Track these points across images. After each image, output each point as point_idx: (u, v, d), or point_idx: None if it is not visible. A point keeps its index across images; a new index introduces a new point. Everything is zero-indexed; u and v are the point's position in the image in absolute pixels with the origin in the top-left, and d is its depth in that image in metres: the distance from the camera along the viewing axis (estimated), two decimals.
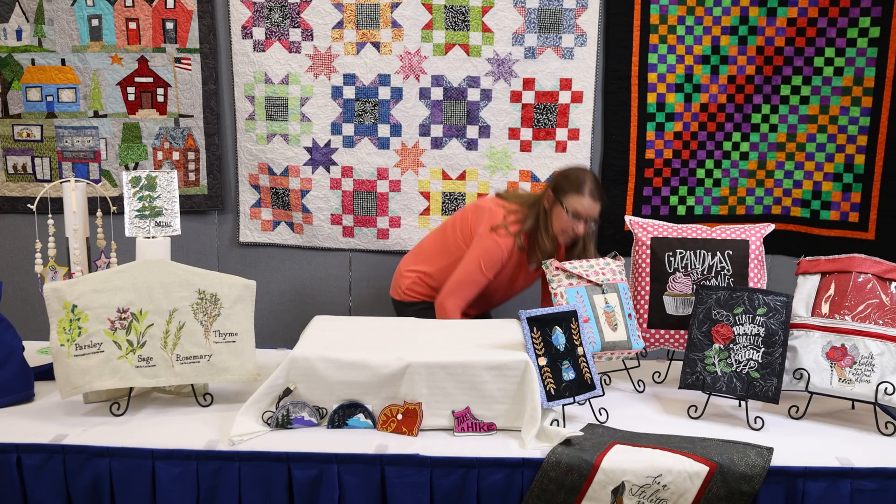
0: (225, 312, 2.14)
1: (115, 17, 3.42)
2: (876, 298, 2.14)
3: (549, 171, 3.55)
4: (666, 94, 3.50)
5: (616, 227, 3.59)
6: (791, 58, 3.45)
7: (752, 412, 2.09)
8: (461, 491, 1.83)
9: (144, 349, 2.05)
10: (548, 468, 1.81)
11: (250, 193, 3.61)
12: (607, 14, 3.45)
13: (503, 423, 1.99)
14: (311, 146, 3.51)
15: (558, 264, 2.35)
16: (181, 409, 2.12)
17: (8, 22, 3.43)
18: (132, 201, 2.50)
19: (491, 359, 1.99)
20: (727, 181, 3.60)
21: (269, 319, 3.60)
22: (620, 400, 2.25)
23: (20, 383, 2.15)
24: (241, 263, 3.66)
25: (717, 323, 2.16)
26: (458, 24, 3.42)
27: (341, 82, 3.47)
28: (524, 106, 3.50)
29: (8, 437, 1.90)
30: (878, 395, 2.02)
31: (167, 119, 3.53)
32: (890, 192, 3.38)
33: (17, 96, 3.49)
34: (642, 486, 1.78)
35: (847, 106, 3.41)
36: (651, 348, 2.44)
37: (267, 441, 1.90)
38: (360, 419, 1.98)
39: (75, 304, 2.01)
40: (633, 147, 3.54)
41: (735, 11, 3.43)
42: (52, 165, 3.56)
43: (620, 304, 2.32)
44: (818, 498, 1.81)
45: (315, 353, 2.00)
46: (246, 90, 3.50)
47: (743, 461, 1.80)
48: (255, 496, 1.85)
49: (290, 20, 3.42)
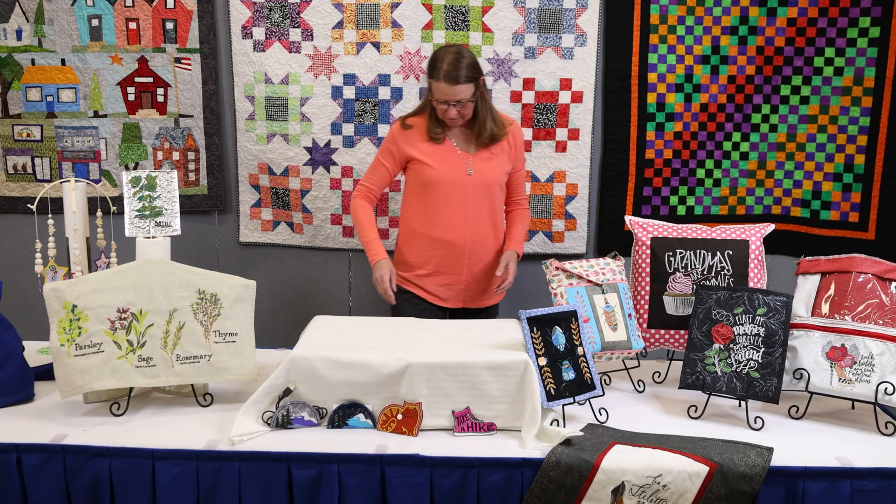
0: (225, 312, 2.14)
1: (115, 17, 3.42)
2: (876, 298, 2.14)
3: (550, 172, 3.55)
4: (666, 94, 3.50)
5: (616, 227, 3.60)
6: (791, 58, 3.45)
7: (752, 412, 2.09)
8: (461, 491, 1.84)
9: (144, 349, 2.05)
10: (548, 468, 1.81)
11: (250, 193, 3.61)
12: (607, 14, 3.45)
13: (503, 423, 1.99)
14: (311, 146, 3.51)
15: (558, 264, 2.35)
16: (181, 409, 2.12)
17: (8, 22, 3.43)
18: (132, 201, 2.50)
19: (491, 359, 1.99)
20: (727, 181, 3.60)
21: (269, 319, 3.60)
22: (620, 400, 2.25)
23: (20, 383, 2.15)
24: (241, 263, 3.66)
25: (717, 323, 2.16)
26: (458, 24, 3.42)
27: (341, 82, 3.47)
28: (524, 106, 3.50)
29: (8, 437, 1.90)
30: (878, 395, 2.02)
31: (167, 119, 3.53)
32: (890, 192, 3.38)
33: (17, 96, 3.49)
34: (642, 486, 1.78)
35: (847, 106, 3.41)
36: (651, 348, 2.44)
37: (267, 441, 1.90)
38: (360, 419, 1.98)
39: (75, 304, 2.01)
40: (633, 147, 3.54)
41: (735, 11, 3.43)
42: (52, 165, 3.56)
43: (620, 304, 2.32)
44: (818, 498, 1.81)
45: (315, 353, 2.00)
46: (246, 90, 3.50)
47: (743, 461, 1.80)
48: (255, 496, 1.85)
49: (290, 20, 3.42)
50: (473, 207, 2.78)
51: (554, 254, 3.56)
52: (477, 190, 2.77)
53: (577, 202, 3.57)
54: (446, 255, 2.81)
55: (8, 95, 3.49)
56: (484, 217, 2.81)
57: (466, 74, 2.61)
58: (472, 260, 2.82)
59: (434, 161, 2.75)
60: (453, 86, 2.59)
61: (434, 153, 2.76)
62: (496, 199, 2.84)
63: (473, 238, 2.80)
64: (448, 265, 2.82)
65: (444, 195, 2.77)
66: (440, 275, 2.83)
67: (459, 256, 2.80)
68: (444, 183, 2.75)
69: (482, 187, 2.78)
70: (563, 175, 3.55)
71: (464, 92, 2.62)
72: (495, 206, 2.85)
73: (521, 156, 2.90)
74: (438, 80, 2.60)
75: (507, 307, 3.11)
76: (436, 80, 2.62)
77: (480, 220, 2.80)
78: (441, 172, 2.75)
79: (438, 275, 2.83)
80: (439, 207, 2.78)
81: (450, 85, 2.59)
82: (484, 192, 2.78)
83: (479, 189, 2.77)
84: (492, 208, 2.83)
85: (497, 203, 2.86)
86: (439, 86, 2.61)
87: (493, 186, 2.81)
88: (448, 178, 2.75)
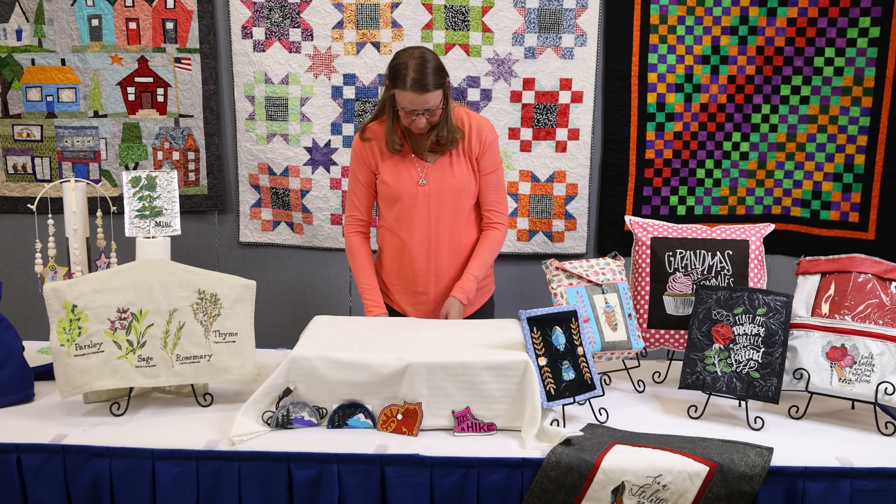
0: (225, 312, 2.14)
1: (115, 17, 3.43)
2: (876, 298, 2.14)
3: (550, 172, 3.55)
4: (666, 94, 3.50)
5: (616, 227, 3.60)
6: (791, 58, 3.45)
7: (752, 412, 2.09)
8: (461, 491, 1.83)
9: (144, 349, 2.05)
10: (548, 468, 1.81)
11: (250, 193, 3.61)
12: (607, 14, 3.45)
13: (503, 423, 1.99)
14: (311, 146, 3.51)
15: (558, 264, 2.34)
16: (181, 409, 2.12)
17: (8, 22, 3.43)
18: (132, 201, 2.51)
19: (491, 359, 1.98)
20: (727, 181, 3.60)
21: (269, 319, 3.60)
22: (620, 400, 2.25)
23: (20, 383, 2.15)
24: (241, 263, 3.66)
25: (717, 323, 2.16)
26: (458, 24, 3.42)
27: (341, 82, 3.47)
28: (524, 106, 3.50)
29: (8, 437, 1.90)
30: (878, 395, 2.02)
31: (167, 119, 3.54)
32: (890, 192, 3.38)
33: (17, 96, 3.49)
34: (642, 486, 1.78)
35: (847, 106, 3.41)
36: (651, 348, 2.44)
37: (267, 441, 1.90)
38: (360, 419, 1.98)
39: (75, 304, 2.01)
40: (633, 147, 3.54)
41: (735, 11, 3.43)
42: (52, 165, 3.56)
43: (620, 304, 2.32)
44: (818, 498, 1.81)
45: (315, 353, 2.00)
46: (246, 90, 3.50)
47: (743, 461, 1.80)
48: (255, 496, 1.85)
49: (290, 20, 3.42)
50: (435, 220, 2.59)
51: (554, 254, 3.56)
52: (430, 201, 2.57)
53: (577, 202, 3.57)
54: (411, 271, 2.64)
55: (8, 95, 3.49)
56: (444, 230, 2.60)
57: (434, 81, 2.39)
58: (437, 277, 2.64)
59: (388, 174, 2.59)
60: (422, 94, 2.37)
61: (390, 166, 2.59)
62: (460, 209, 2.61)
63: (436, 252, 2.61)
64: (416, 281, 2.65)
65: (402, 209, 2.60)
66: (409, 293, 2.68)
67: (425, 273, 2.63)
68: (400, 196, 2.58)
69: (436, 197, 2.57)
70: (563, 175, 3.55)
71: (433, 99, 2.41)
72: (459, 218, 2.61)
73: (492, 158, 2.62)
74: (405, 89, 2.37)
75: (507, 307, 3.10)
76: (402, 89, 2.38)
77: (440, 233, 2.60)
78: (394, 187, 2.58)
79: (408, 293, 2.68)
80: (401, 221, 2.61)
81: (418, 94, 2.37)
82: (440, 202, 2.57)
83: (434, 200, 2.57)
84: (454, 220, 2.60)
85: (461, 213, 2.62)
86: (406, 95, 2.38)
87: (451, 195, 2.58)
88: (401, 191, 2.57)
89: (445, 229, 2.61)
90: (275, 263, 3.68)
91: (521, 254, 3.63)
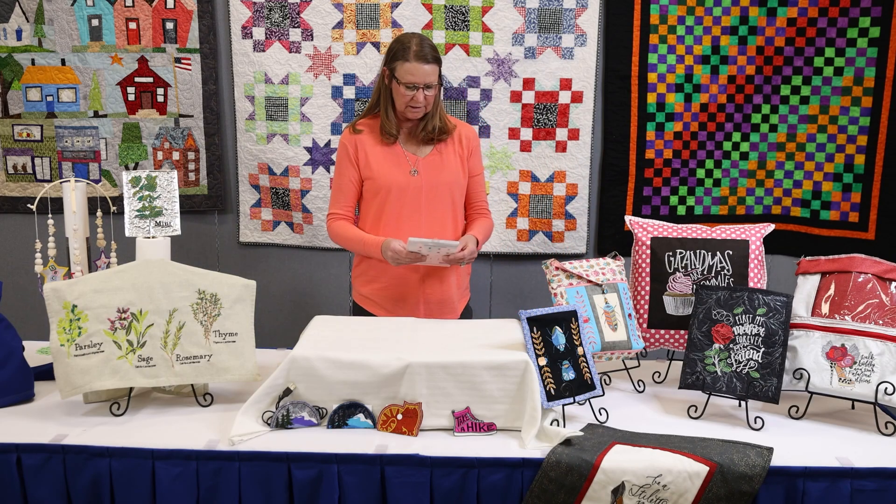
0: (225, 312, 2.14)
1: (115, 17, 3.43)
2: (876, 298, 2.14)
3: (550, 171, 3.55)
4: (666, 94, 3.50)
5: (616, 227, 3.60)
6: (791, 58, 3.45)
7: (752, 412, 2.09)
8: (461, 491, 1.83)
9: (144, 349, 2.05)
10: (548, 468, 1.81)
11: (250, 193, 3.61)
12: (607, 14, 3.45)
13: (503, 423, 1.99)
14: (311, 146, 3.51)
15: (558, 264, 2.34)
16: (181, 409, 2.12)
17: (8, 22, 3.43)
18: (132, 201, 2.50)
19: (491, 359, 1.98)
20: (727, 181, 3.60)
21: (269, 319, 3.60)
22: (620, 400, 2.25)
23: (20, 383, 2.15)
24: (241, 263, 3.66)
25: (717, 323, 2.16)
26: (458, 24, 3.42)
27: (341, 82, 3.47)
28: (524, 106, 3.50)
29: (8, 437, 1.90)
30: (878, 395, 2.02)
31: (167, 119, 3.54)
32: (890, 192, 3.38)
33: (17, 96, 3.49)
34: (642, 486, 1.78)
35: (847, 106, 3.41)
36: (651, 348, 2.44)
37: (267, 441, 1.90)
38: (360, 419, 1.98)
39: (75, 304, 2.01)
40: (633, 147, 3.54)
41: (735, 11, 3.43)
42: (52, 165, 3.56)
43: (620, 304, 2.32)
44: (818, 498, 1.81)
45: (315, 353, 2.00)
46: (246, 90, 3.50)
47: (743, 461, 1.80)
48: (255, 496, 1.85)
49: (290, 20, 3.42)
50: (427, 213, 2.60)
51: (554, 254, 3.56)
52: (422, 194, 2.59)
53: (577, 202, 3.57)
54: (395, 271, 2.60)
55: (8, 95, 3.49)
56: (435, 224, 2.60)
57: (433, 54, 2.51)
58: (427, 285, 2.63)
59: (378, 165, 2.59)
60: (424, 65, 2.48)
61: (380, 157, 2.60)
62: (454, 204, 2.65)
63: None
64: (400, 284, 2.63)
65: (391, 203, 2.60)
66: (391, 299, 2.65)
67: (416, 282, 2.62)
68: (390, 188, 2.58)
69: (430, 190, 2.59)
70: (563, 175, 3.55)
71: (433, 74, 2.50)
72: (457, 213, 2.66)
73: (478, 161, 2.71)
74: (408, 60, 2.47)
75: (507, 307, 3.11)
76: (405, 60, 2.48)
77: (432, 228, 2.60)
78: (385, 178, 2.58)
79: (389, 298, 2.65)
80: (387, 218, 2.60)
81: (420, 64, 2.47)
82: (433, 195, 2.60)
83: (427, 193, 2.59)
84: (445, 214, 2.62)
85: (457, 209, 2.66)
86: (408, 66, 2.48)
87: (444, 189, 2.61)
88: (392, 182, 2.58)
89: (437, 223, 2.62)
90: (275, 263, 3.68)
91: (520, 254, 3.63)
